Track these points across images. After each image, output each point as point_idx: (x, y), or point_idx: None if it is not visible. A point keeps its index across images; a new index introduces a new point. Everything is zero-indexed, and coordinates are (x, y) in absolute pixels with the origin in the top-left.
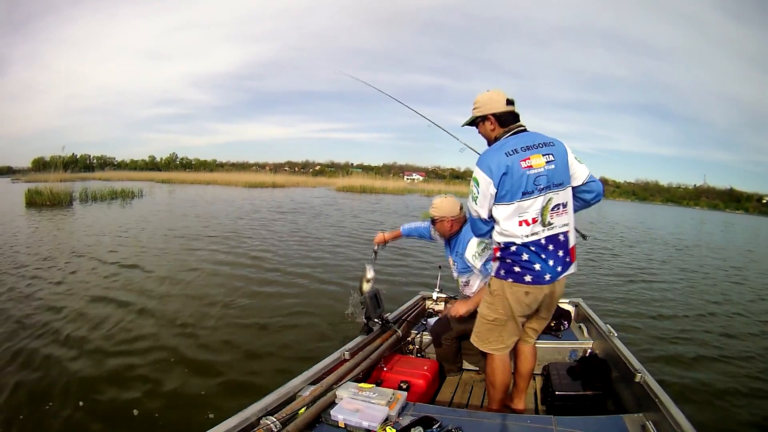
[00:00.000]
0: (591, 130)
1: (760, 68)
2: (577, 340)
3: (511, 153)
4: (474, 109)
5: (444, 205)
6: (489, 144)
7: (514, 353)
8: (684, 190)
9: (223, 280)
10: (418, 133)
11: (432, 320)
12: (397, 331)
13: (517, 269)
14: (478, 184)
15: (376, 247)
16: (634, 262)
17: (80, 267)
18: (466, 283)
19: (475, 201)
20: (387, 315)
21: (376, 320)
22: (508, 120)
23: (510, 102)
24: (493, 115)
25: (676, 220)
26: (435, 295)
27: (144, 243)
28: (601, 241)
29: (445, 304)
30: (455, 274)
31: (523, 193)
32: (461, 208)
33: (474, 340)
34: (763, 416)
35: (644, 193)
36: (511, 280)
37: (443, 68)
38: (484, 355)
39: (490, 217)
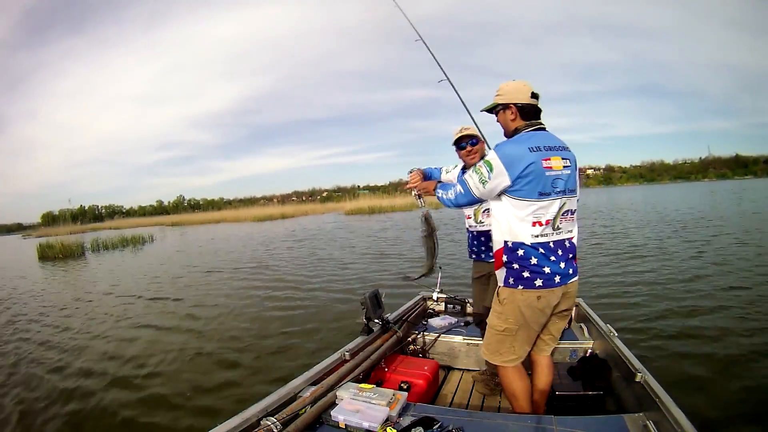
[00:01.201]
0: (590, 120)
1: (747, 31)
2: (578, 340)
3: (535, 149)
4: (497, 95)
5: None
6: (506, 135)
7: (530, 367)
8: (690, 164)
9: (249, 303)
10: (417, 147)
11: (432, 320)
12: (397, 332)
13: (526, 274)
14: (491, 169)
15: (415, 191)
16: (639, 245)
17: (105, 304)
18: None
19: (483, 184)
20: (387, 315)
21: (376, 321)
22: (530, 113)
23: (535, 96)
24: (515, 104)
25: (684, 197)
26: (435, 296)
27: (169, 279)
28: (608, 228)
29: (446, 305)
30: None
31: (540, 193)
32: None
33: (484, 353)
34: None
35: (651, 174)
36: (521, 287)
37: (436, 80)
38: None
39: (480, 202)
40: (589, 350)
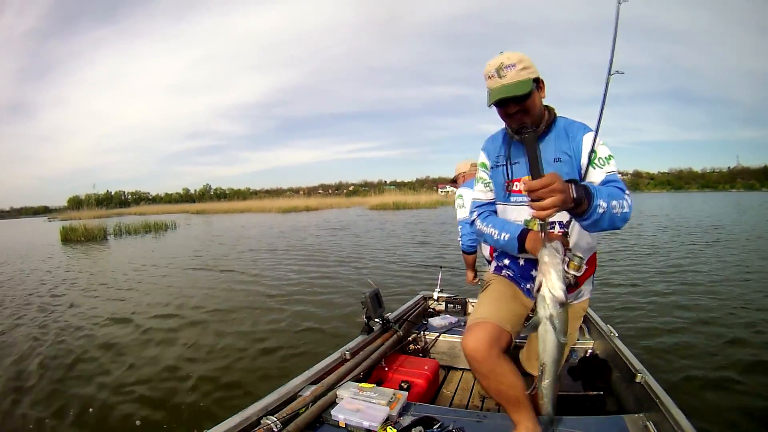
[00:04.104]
0: (619, 124)
1: None
2: (578, 340)
3: None
4: (524, 69)
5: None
6: (535, 119)
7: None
8: (719, 173)
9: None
10: (445, 145)
11: (433, 320)
12: (398, 331)
13: None
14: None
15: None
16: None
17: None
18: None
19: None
20: (388, 315)
21: (376, 320)
22: None
23: None
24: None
25: (711, 208)
26: (436, 295)
27: (215, 257)
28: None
29: (446, 305)
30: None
31: None
32: None
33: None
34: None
35: (679, 181)
36: None
37: (466, 78)
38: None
39: None
40: (589, 350)
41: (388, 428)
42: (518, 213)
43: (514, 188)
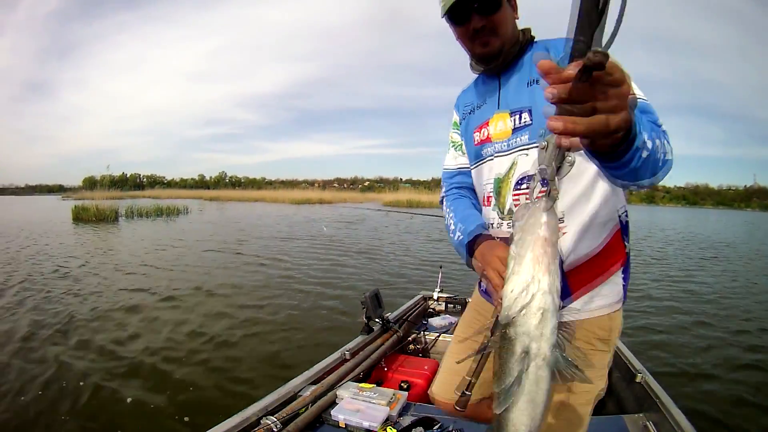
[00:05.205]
0: None
1: None
2: None
3: None
4: None
5: None
6: (508, 41)
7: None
8: (735, 192)
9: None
10: None
11: (433, 320)
12: (398, 331)
13: None
14: None
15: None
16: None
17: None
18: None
19: None
20: (388, 315)
21: (376, 320)
22: None
23: None
24: None
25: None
26: (436, 295)
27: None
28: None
29: (446, 305)
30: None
31: None
32: None
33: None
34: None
35: (694, 197)
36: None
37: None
38: None
39: None
40: None
41: (388, 428)
42: (489, 170)
43: (482, 137)
